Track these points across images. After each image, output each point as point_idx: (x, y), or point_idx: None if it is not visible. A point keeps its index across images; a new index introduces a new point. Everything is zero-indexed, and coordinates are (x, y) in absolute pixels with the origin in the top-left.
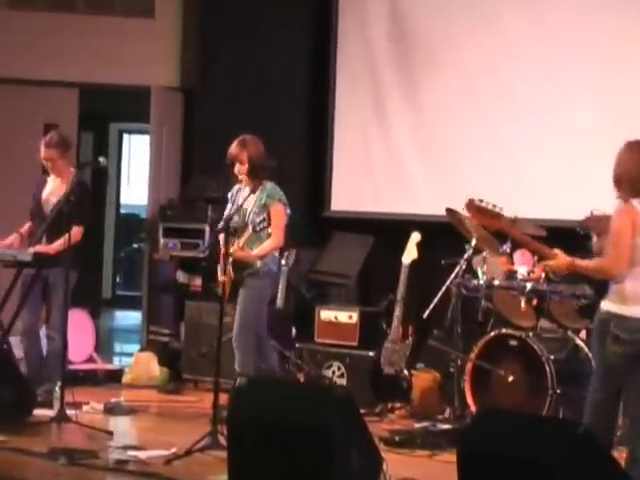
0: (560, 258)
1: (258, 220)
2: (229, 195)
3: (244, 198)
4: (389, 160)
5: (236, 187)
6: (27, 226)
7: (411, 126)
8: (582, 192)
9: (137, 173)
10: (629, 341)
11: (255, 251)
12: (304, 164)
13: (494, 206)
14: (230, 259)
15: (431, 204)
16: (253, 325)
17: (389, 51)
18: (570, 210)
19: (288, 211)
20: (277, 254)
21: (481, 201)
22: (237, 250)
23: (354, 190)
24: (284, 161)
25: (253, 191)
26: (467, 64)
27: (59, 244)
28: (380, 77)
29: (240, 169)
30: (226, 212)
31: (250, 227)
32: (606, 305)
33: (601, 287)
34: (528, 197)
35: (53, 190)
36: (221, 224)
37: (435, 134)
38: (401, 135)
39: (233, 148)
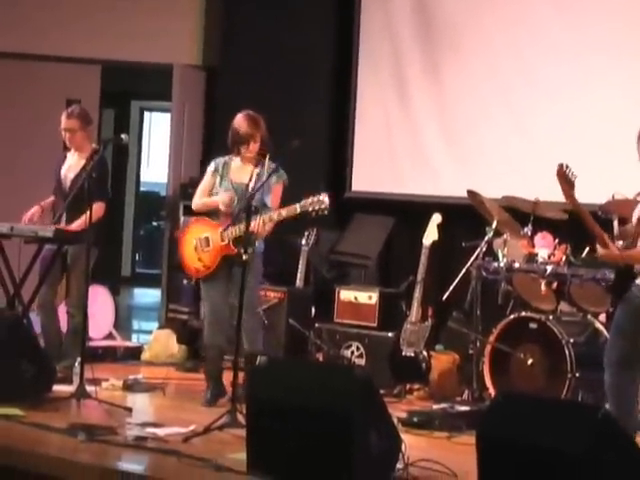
0: (610, 250)
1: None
2: (213, 167)
3: (258, 177)
4: (410, 141)
5: (221, 160)
6: (50, 200)
7: (433, 106)
8: (604, 176)
9: (158, 151)
10: None
11: (267, 228)
12: (326, 144)
13: (572, 174)
14: (233, 236)
15: (453, 186)
16: (258, 304)
17: (412, 28)
18: (592, 194)
19: None
20: None
21: (567, 167)
22: (260, 226)
23: (375, 171)
24: (308, 142)
25: (275, 170)
26: (491, 43)
27: (82, 222)
28: (403, 56)
29: (253, 147)
30: (205, 183)
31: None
32: None
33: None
34: (550, 180)
35: (71, 165)
36: (237, 202)
37: (457, 115)
38: (423, 115)
39: (247, 127)
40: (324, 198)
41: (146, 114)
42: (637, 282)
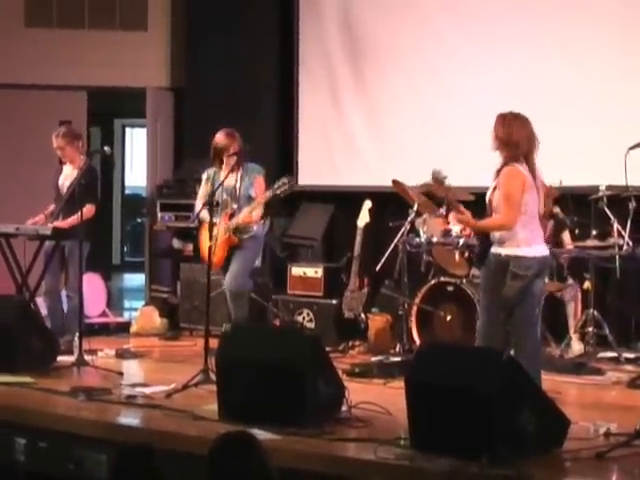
0: (466, 217)
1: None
2: (206, 176)
3: (242, 178)
4: (345, 143)
5: (212, 170)
6: (51, 207)
7: (362, 111)
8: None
9: (138, 160)
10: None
11: (254, 216)
12: (276, 147)
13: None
14: (231, 228)
15: (380, 176)
16: (245, 274)
17: (340, 44)
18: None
19: None
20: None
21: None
22: (247, 217)
23: (317, 167)
24: (261, 146)
25: (253, 168)
26: (405, 55)
27: (73, 219)
28: (335, 69)
29: (231, 156)
30: (202, 191)
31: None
32: None
33: None
34: (459, 168)
35: (67, 176)
36: (231, 202)
37: (382, 117)
38: (354, 119)
39: (223, 140)
40: (286, 180)
41: (127, 130)
42: (492, 250)
